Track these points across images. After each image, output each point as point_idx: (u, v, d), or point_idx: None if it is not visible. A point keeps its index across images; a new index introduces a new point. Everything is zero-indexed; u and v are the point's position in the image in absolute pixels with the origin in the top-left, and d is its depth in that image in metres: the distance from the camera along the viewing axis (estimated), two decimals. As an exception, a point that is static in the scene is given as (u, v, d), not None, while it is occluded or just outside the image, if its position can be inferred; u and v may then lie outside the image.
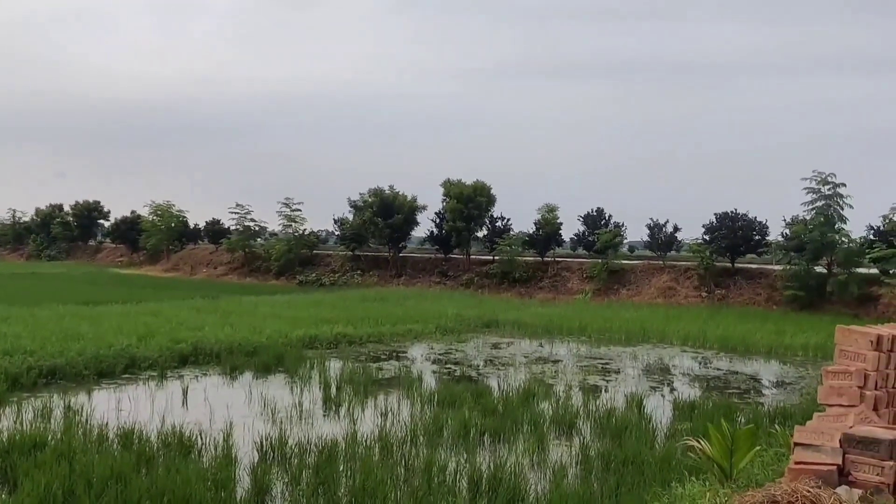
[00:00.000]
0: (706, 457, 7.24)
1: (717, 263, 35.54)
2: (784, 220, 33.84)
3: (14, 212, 75.81)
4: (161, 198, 63.33)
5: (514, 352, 20.50)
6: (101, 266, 59.09)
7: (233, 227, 51.99)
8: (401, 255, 45.90)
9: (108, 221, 68.78)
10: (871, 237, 32.17)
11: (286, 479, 8.54)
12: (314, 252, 48.72)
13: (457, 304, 29.80)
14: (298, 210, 48.08)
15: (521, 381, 15.01)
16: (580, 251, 44.06)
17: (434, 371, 17.21)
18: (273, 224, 51.15)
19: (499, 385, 14.86)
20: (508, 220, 43.40)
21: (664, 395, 14.90)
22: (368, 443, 9.87)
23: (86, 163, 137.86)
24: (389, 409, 12.35)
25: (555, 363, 18.75)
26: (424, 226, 45.59)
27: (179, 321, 20.98)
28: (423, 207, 45.02)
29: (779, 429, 9.38)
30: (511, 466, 8.68)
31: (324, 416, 12.20)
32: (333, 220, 47.58)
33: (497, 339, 22.84)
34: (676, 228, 39.41)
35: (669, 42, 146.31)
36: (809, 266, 31.61)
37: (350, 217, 46.17)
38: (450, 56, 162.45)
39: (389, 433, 10.39)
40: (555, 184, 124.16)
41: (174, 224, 57.45)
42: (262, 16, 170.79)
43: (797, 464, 5.77)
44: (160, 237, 56.73)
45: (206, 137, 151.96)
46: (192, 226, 59.14)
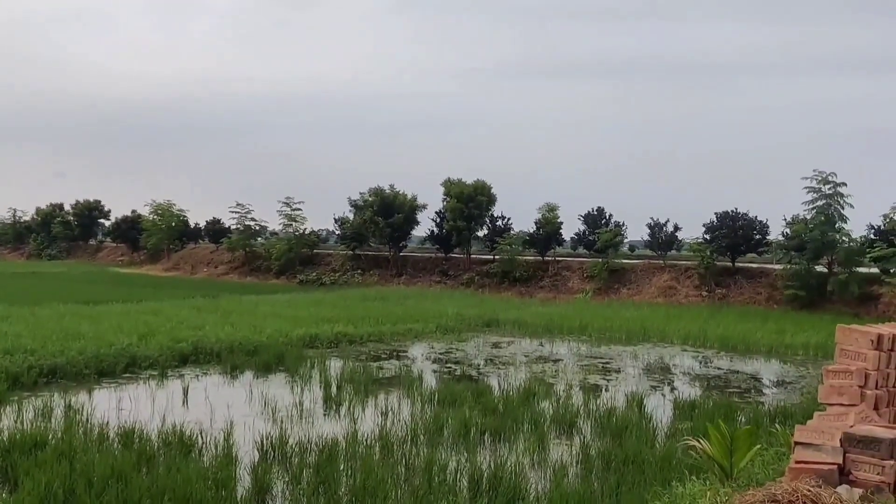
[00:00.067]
0: (707, 456, 7.24)
1: (718, 263, 35.53)
2: (784, 220, 33.86)
3: (15, 211, 75.99)
4: (161, 197, 63.62)
5: (515, 351, 20.50)
6: (102, 265, 59.11)
7: (233, 227, 51.98)
8: (401, 255, 45.90)
9: (109, 221, 68.94)
10: (872, 236, 32.17)
11: (287, 479, 8.55)
12: (315, 251, 48.74)
13: (457, 304, 29.80)
14: (299, 209, 48.18)
15: (522, 381, 15.03)
16: (581, 250, 44.09)
17: (434, 370, 17.22)
18: (273, 223, 51.38)
19: (499, 384, 14.86)
20: (509, 220, 43.45)
21: (665, 395, 14.90)
22: (369, 442, 9.88)
23: (86, 163, 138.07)
24: (390, 409, 12.36)
25: (555, 362, 18.75)
26: (425, 225, 45.70)
27: (180, 320, 21.00)
28: (424, 206, 45.07)
29: (779, 428, 9.39)
30: (511, 466, 8.68)
31: (324, 416, 12.21)
32: (334, 220, 47.67)
33: (497, 339, 22.83)
34: (677, 228, 39.44)
35: (669, 42, 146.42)
36: (810, 265, 31.60)
37: (350, 216, 46.18)
38: (450, 56, 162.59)
39: (390, 432, 10.40)
40: (555, 183, 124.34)
41: (175, 223, 57.44)
42: (262, 16, 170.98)
43: (798, 463, 5.77)
44: (161, 236, 56.73)
45: (206, 137, 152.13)
46: (193, 225, 59.19)
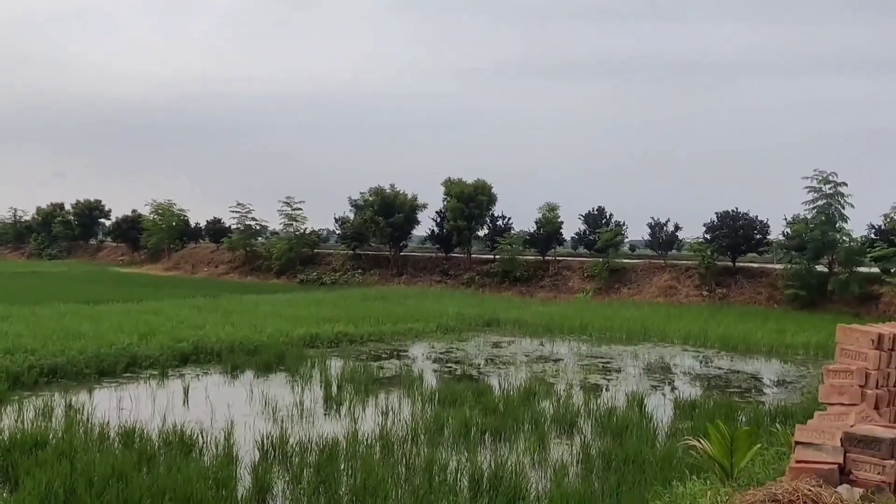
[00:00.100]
0: (707, 456, 7.24)
1: (718, 262, 35.51)
2: (785, 219, 33.84)
3: (15, 211, 76.01)
4: (161, 197, 63.64)
5: (515, 350, 20.49)
6: (102, 265, 59.13)
7: (234, 226, 51.98)
8: (402, 254, 45.90)
9: (109, 220, 68.95)
10: (872, 236, 32.14)
11: (287, 478, 8.55)
12: (315, 251, 48.74)
13: (458, 303, 29.79)
14: (299, 209, 48.17)
15: (522, 380, 15.02)
16: (581, 250, 44.09)
17: (435, 370, 17.22)
18: (274, 223, 51.39)
19: (500, 384, 14.85)
20: (509, 220, 43.42)
21: (665, 394, 14.89)
22: (369, 441, 9.88)
23: (86, 163, 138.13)
24: (390, 408, 12.36)
25: (556, 362, 18.75)
26: (425, 225, 45.67)
27: (180, 320, 21.00)
28: (424, 206, 45.06)
29: (780, 427, 9.39)
30: (512, 465, 8.68)
31: (325, 415, 12.21)
32: (334, 219, 47.63)
33: (498, 338, 22.83)
34: (677, 227, 39.39)
35: (669, 42, 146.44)
36: (810, 265, 31.58)
37: (351, 216, 46.17)
38: (450, 56, 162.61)
39: (390, 432, 10.39)
40: (555, 183, 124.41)
41: (175, 223, 57.45)
42: (262, 15, 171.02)
43: (798, 462, 5.77)
44: (161, 236, 56.73)
45: (206, 137, 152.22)
46: (193, 225, 59.17)
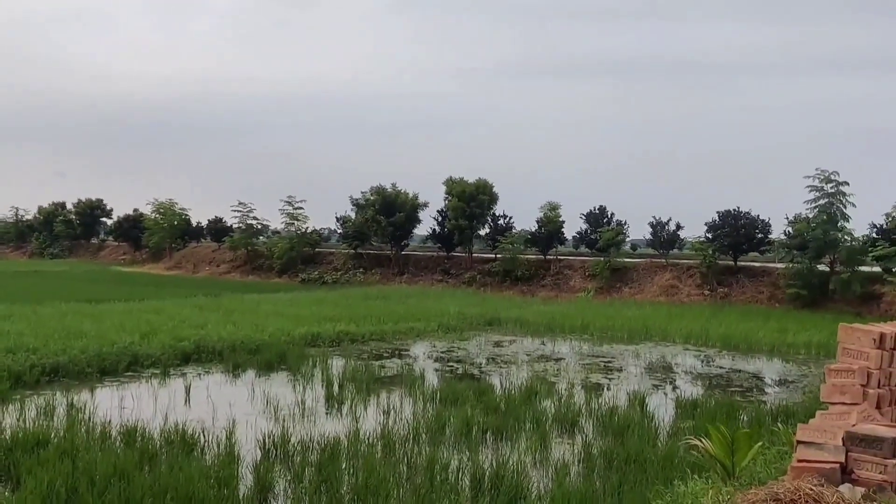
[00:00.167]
0: (709, 455, 7.24)
1: (720, 261, 35.48)
2: (787, 219, 33.80)
3: (17, 210, 76.06)
4: (162, 197, 63.50)
5: (517, 350, 20.49)
6: (104, 264, 59.18)
7: (235, 225, 52.03)
8: (403, 254, 45.89)
9: (111, 219, 68.96)
10: (874, 235, 32.07)
11: (289, 477, 8.55)
12: (316, 250, 48.74)
13: (459, 303, 29.80)
14: (301, 208, 48.14)
15: (524, 379, 15.02)
16: (582, 249, 44.04)
17: (436, 369, 17.22)
18: (276, 222, 51.40)
19: (501, 383, 14.85)
20: (510, 219, 43.40)
21: (667, 394, 14.88)
22: (371, 441, 9.88)
23: (86, 162, 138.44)
24: (392, 407, 12.37)
25: (557, 361, 18.74)
26: (427, 224, 45.65)
27: (182, 319, 21.02)
28: (425, 205, 45.04)
29: (781, 427, 9.39)
30: (513, 464, 8.68)
31: (326, 414, 12.22)
32: (336, 219, 47.60)
33: (499, 337, 22.83)
34: (679, 226, 39.32)
35: (669, 42, 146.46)
36: (812, 264, 31.54)
37: (352, 215, 46.16)
38: (449, 56, 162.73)
39: (392, 431, 10.40)
40: (556, 183, 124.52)
41: (177, 222, 57.46)
42: (262, 16, 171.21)
43: (800, 462, 5.77)
44: (163, 235, 56.75)
45: (207, 137, 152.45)
46: (195, 224, 59.18)
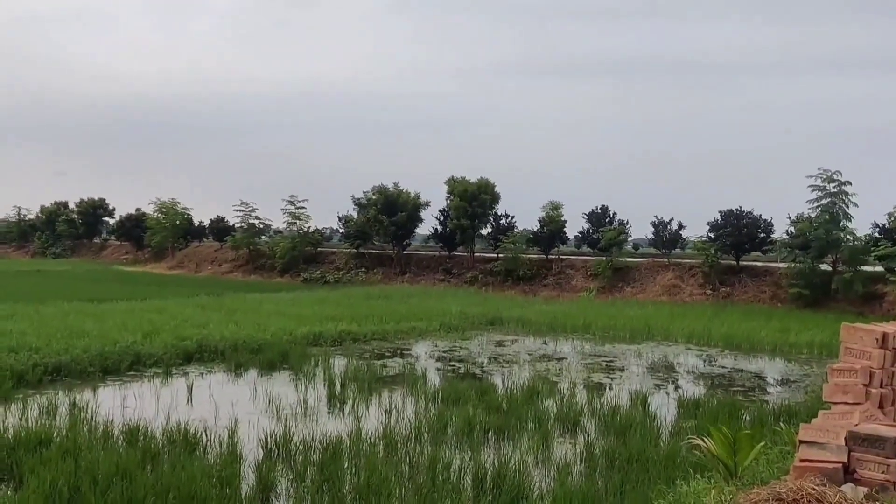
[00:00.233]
0: (711, 454, 7.23)
1: (722, 261, 35.47)
2: (789, 218, 33.77)
3: (19, 209, 76.15)
4: (163, 196, 63.56)
5: (519, 349, 20.48)
6: (106, 263, 59.25)
7: (237, 225, 52.07)
8: (405, 253, 45.92)
9: (113, 219, 69.02)
10: (877, 235, 32.04)
11: (291, 476, 8.56)
12: (318, 250, 48.79)
13: (461, 302, 29.80)
14: (303, 208, 48.19)
15: (526, 379, 15.02)
16: (584, 249, 44.06)
17: (438, 368, 17.22)
18: (277, 222, 51.40)
19: (503, 382, 14.85)
20: (512, 218, 43.41)
21: (669, 393, 14.87)
22: (373, 440, 9.88)
23: (86, 162, 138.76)
24: (394, 407, 12.37)
25: (559, 361, 18.74)
26: (428, 223, 45.67)
27: (184, 318, 21.04)
28: (427, 204, 45.08)
29: (784, 426, 9.36)
30: (515, 464, 8.67)
31: (328, 414, 12.22)
32: (338, 218, 47.63)
33: (501, 337, 22.82)
34: (681, 226, 39.30)
35: (669, 42, 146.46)
36: (814, 264, 31.51)
37: (354, 215, 46.19)
38: (450, 56, 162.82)
39: (394, 430, 10.39)
40: (557, 183, 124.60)
41: (179, 221, 57.52)
42: (262, 16, 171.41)
43: (802, 461, 5.76)
44: (165, 235, 56.81)
45: (207, 137, 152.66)
46: (197, 223, 59.23)
